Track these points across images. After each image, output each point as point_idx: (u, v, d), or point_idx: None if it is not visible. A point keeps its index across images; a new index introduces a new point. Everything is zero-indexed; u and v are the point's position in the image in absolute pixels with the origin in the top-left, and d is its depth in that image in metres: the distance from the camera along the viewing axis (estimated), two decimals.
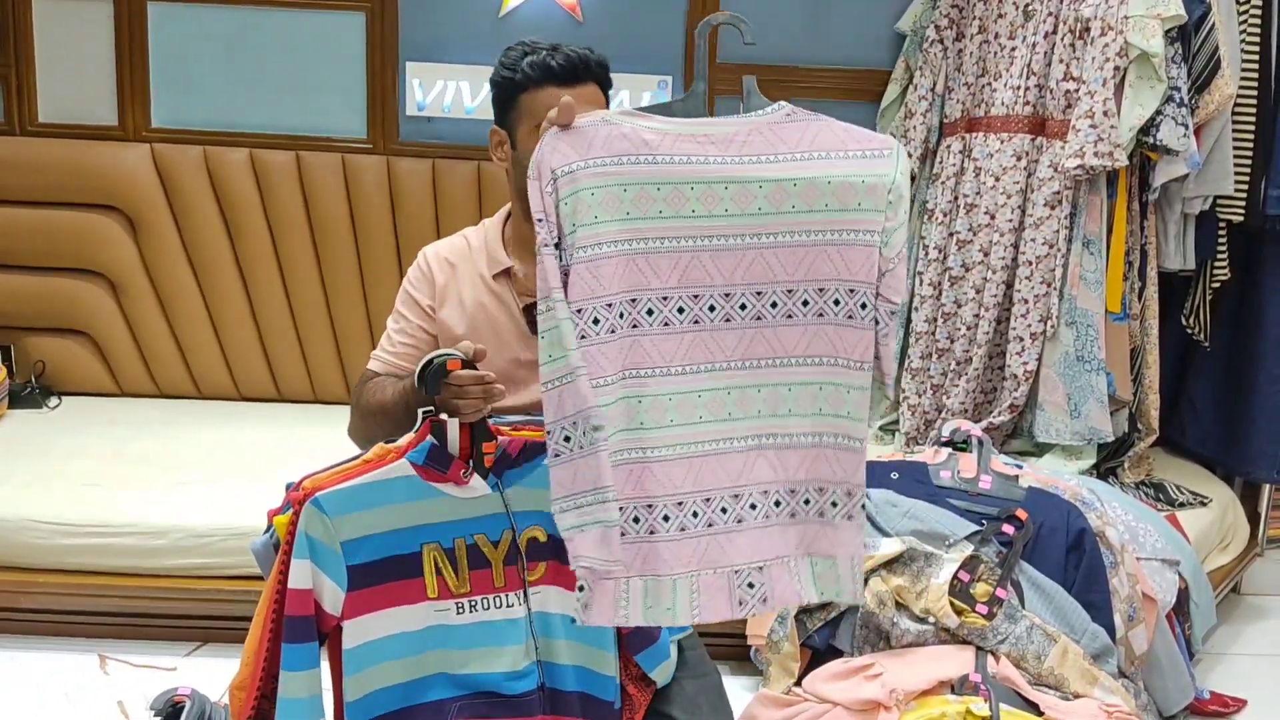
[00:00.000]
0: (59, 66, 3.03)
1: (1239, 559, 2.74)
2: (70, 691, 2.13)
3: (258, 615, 1.40)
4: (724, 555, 1.15)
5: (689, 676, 1.54)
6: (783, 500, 1.17)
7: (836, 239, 1.15)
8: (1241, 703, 2.29)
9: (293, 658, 1.32)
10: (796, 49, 3.08)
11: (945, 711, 1.70)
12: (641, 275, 1.12)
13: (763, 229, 1.15)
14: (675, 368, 1.13)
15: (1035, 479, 2.14)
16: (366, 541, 1.32)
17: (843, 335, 1.15)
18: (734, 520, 1.17)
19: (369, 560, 1.32)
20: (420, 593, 1.35)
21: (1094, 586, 1.97)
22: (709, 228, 1.14)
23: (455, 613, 1.36)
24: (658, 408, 1.13)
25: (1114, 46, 2.53)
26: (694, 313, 1.14)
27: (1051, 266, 2.68)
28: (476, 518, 1.36)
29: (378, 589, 1.33)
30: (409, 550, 1.34)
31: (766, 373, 1.15)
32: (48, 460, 2.57)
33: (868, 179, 1.17)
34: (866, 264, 1.15)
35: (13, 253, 3.02)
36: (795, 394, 1.16)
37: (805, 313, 1.15)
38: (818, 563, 1.19)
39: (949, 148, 2.91)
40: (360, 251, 3.08)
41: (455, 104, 3.06)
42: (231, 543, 2.28)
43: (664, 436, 1.13)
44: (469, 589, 1.37)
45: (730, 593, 1.15)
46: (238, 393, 3.18)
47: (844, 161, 1.17)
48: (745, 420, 1.15)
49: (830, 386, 1.16)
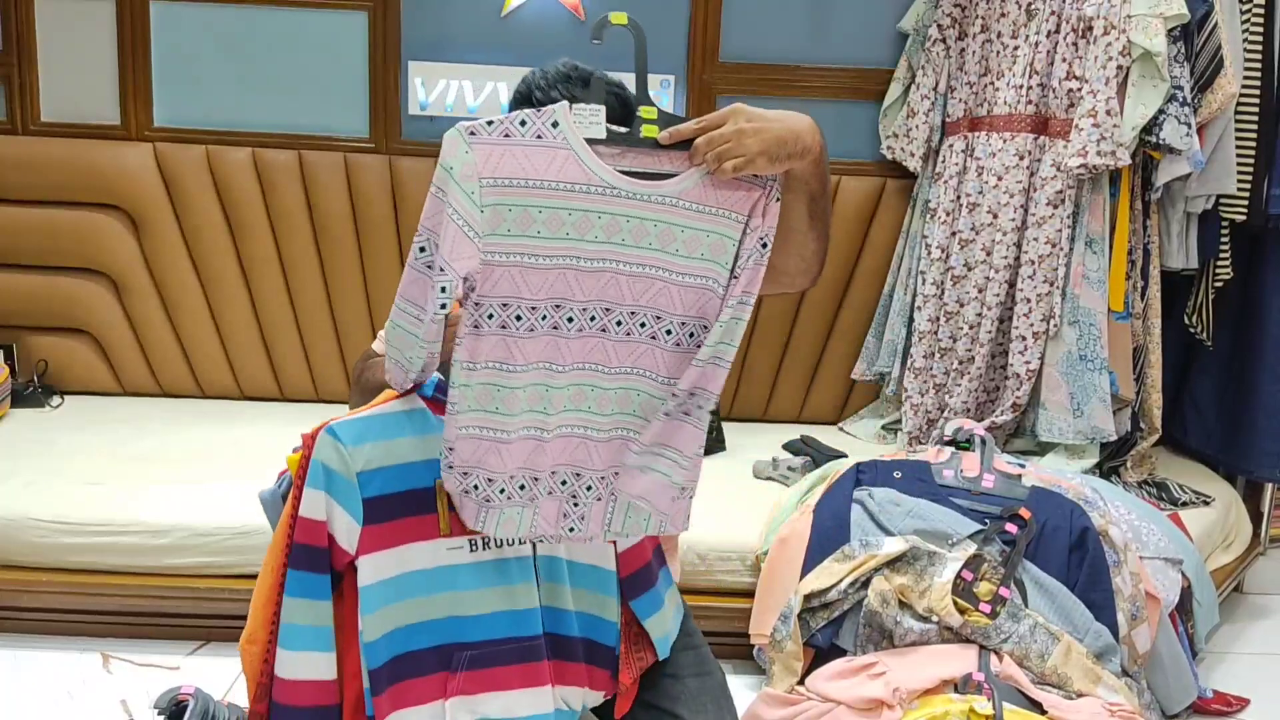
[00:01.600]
0: (61, 65, 3.03)
1: (1241, 558, 2.74)
2: (73, 690, 2.13)
3: (266, 564, 1.38)
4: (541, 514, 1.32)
5: (693, 675, 1.55)
6: (593, 485, 1.32)
7: (680, 280, 1.29)
8: (1244, 702, 2.29)
9: (299, 585, 1.30)
10: (798, 48, 3.08)
11: (948, 710, 1.70)
12: (516, 285, 1.25)
13: (630, 259, 1.27)
14: (532, 366, 1.26)
15: (1038, 478, 2.14)
16: (381, 473, 1.32)
17: (665, 357, 1.31)
18: (545, 493, 1.32)
19: (384, 493, 1.32)
20: (434, 529, 1.34)
21: (1097, 585, 1.97)
22: (592, 251, 1.26)
23: (468, 550, 1.35)
24: (513, 398, 1.27)
25: (1116, 45, 2.53)
26: (553, 320, 1.27)
27: (1054, 265, 2.68)
28: None
29: (393, 524, 1.32)
30: (424, 484, 1.33)
31: (596, 376, 1.30)
32: (50, 459, 2.57)
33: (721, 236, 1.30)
34: (699, 304, 1.30)
35: (15, 252, 3.03)
36: (616, 396, 1.31)
37: (641, 333, 1.30)
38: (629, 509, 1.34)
39: (951, 147, 2.91)
40: (362, 250, 3.08)
41: (458, 103, 3.06)
42: (234, 541, 2.28)
43: (513, 422, 1.26)
44: None
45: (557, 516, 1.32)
46: (240, 392, 3.18)
47: (711, 217, 1.30)
48: (575, 413, 1.30)
49: (645, 395, 1.31)
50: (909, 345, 3.01)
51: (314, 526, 1.30)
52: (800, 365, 3.22)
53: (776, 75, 3.06)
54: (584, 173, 1.23)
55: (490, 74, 3.04)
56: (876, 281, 3.14)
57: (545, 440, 1.27)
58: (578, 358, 1.27)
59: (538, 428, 1.27)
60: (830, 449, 2.80)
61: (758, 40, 3.07)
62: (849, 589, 1.94)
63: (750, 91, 3.06)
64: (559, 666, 1.42)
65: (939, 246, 2.91)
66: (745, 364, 3.21)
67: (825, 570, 1.97)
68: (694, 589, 2.30)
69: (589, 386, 1.29)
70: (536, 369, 1.25)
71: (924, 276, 2.94)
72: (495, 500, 1.27)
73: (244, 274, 3.09)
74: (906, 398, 2.96)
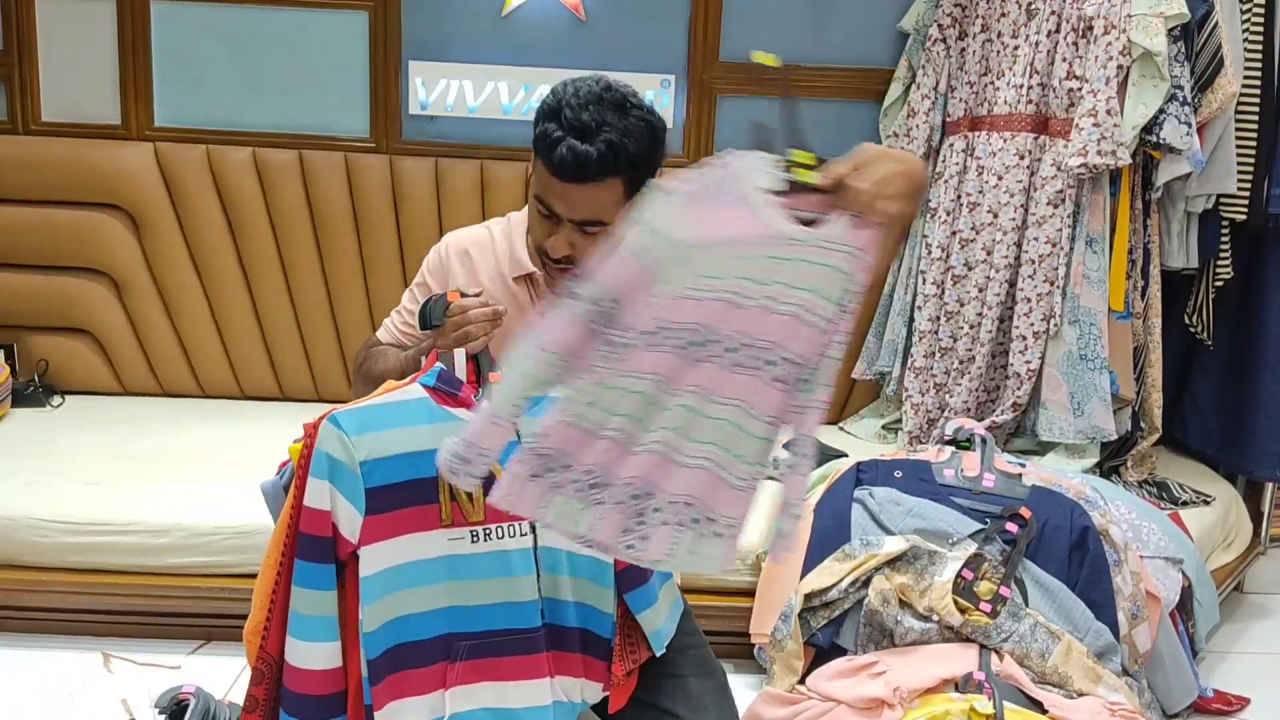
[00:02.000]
0: (62, 65, 3.03)
1: (1242, 557, 2.74)
2: (74, 690, 2.13)
3: (268, 557, 1.38)
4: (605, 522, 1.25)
5: (695, 675, 1.55)
6: (663, 508, 1.24)
7: (812, 320, 1.23)
8: (1245, 701, 2.29)
9: (306, 575, 1.31)
10: (799, 48, 3.08)
11: (949, 709, 1.70)
12: (667, 313, 1.19)
13: (786, 298, 1.21)
14: (647, 376, 1.20)
15: (1038, 477, 2.14)
16: (385, 463, 1.32)
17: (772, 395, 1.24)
18: (613, 503, 1.24)
19: (386, 483, 1.32)
20: (435, 519, 1.34)
21: (1097, 584, 1.97)
22: (755, 290, 1.20)
23: (469, 541, 1.35)
24: (616, 398, 1.21)
25: (1117, 45, 2.53)
26: (684, 340, 1.20)
27: (1054, 265, 2.68)
28: None
29: (395, 514, 1.32)
30: (426, 474, 1.33)
31: (707, 404, 1.23)
32: (51, 459, 2.57)
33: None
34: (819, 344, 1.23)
35: (16, 251, 3.03)
36: (714, 426, 1.23)
37: (765, 371, 1.23)
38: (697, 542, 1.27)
39: (952, 146, 2.91)
40: (363, 250, 3.08)
41: (458, 103, 3.06)
42: (235, 541, 2.28)
43: (608, 420, 1.21)
44: (483, 516, 1.36)
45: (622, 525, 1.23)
46: (241, 391, 3.19)
47: (851, 258, 1.24)
48: (671, 433, 1.23)
49: (742, 430, 1.24)
50: (909, 345, 3.01)
51: (318, 516, 1.30)
52: None
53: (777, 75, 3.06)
54: (764, 225, 1.20)
55: (491, 74, 3.05)
56: (877, 281, 3.15)
57: (631, 451, 1.22)
58: (697, 381, 1.21)
59: (628, 436, 1.21)
60: (831, 448, 2.80)
61: (758, 40, 3.07)
62: (850, 588, 1.94)
63: (751, 91, 3.07)
64: (557, 657, 1.42)
65: (939, 246, 2.91)
66: None
67: (826, 569, 1.97)
68: (694, 588, 2.29)
69: (697, 412, 1.23)
70: (650, 379, 1.20)
71: (924, 276, 2.94)
72: (565, 488, 1.22)
73: (244, 274, 3.09)
74: (907, 397, 2.96)
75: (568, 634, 1.42)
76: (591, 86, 1.51)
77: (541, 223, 1.56)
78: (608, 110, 1.49)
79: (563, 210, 1.52)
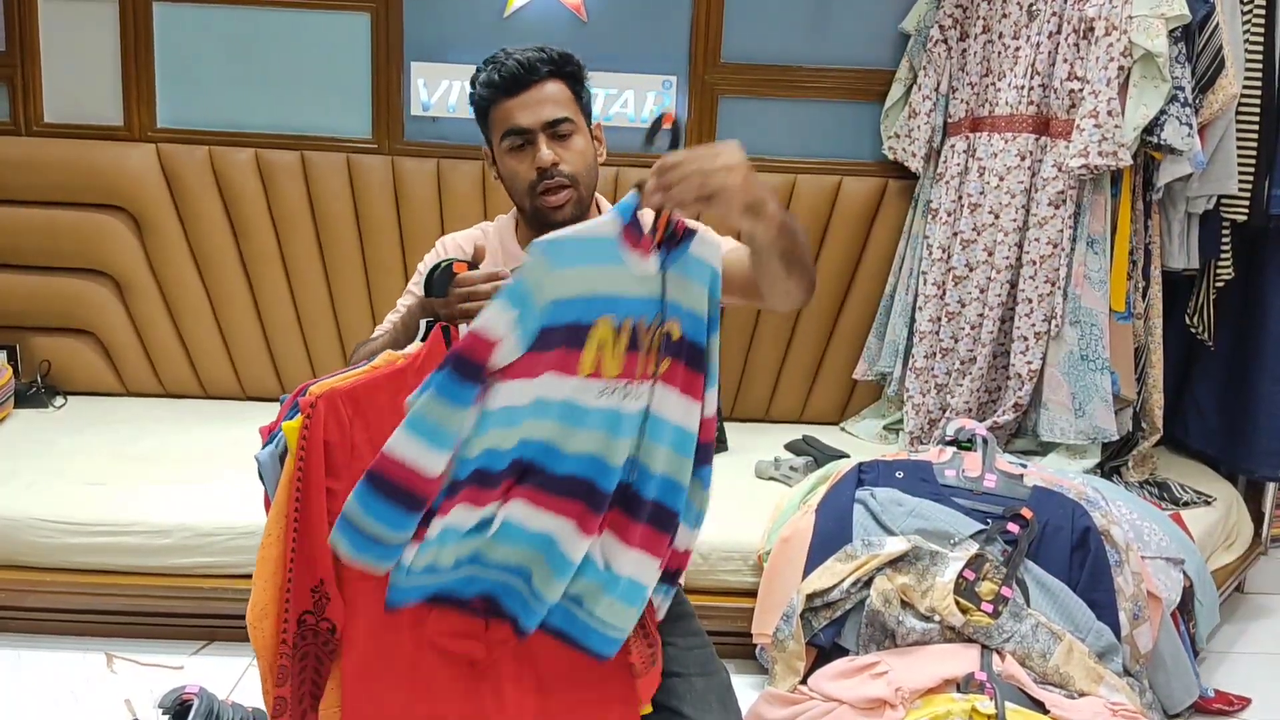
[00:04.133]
0: (64, 66, 3.04)
1: (1243, 558, 2.74)
2: (77, 690, 2.14)
3: (270, 532, 1.33)
4: None
5: (698, 674, 1.55)
6: None
7: None
8: (1246, 701, 2.30)
9: (448, 389, 1.17)
10: (800, 49, 3.08)
11: (951, 709, 1.70)
12: None
13: None
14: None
15: (1040, 478, 2.14)
16: (566, 303, 1.21)
17: None
18: None
19: (553, 323, 1.21)
20: (575, 365, 1.23)
21: (1099, 585, 1.97)
22: None
23: (595, 395, 1.25)
24: None
25: (1118, 46, 2.54)
26: None
27: (1055, 266, 2.68)
28: (642, 297, 1.25)
29: (544, 354, 1.21)
30: (585, 320, 1.22)
31: None
32: (53, 459, 2.57)
33: None
34: None
35: (18, 252, 3.03)
36: None
37: None
38: None
39: (953, 147, 2.91)
40: (365, 251, 3.08)
41: (460, 104, 3.06)
42: (237, 541, 2.29)
43: None
44: (619, 372, 1.25)
45: None
46: (243, 392, 3.19)
47: None
48: None
49: None
50: (910, 345, 3.01)
51: (485, 343, 1.18)
52: (802, 366, 3.23)
53: (778, 76, 3.07)
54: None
55: None
56: (878, 282, 3.15)
57: None
58: None
59: None
60: (832, 449, 2.81)
61: (759, 41, 3.07)
62: (851, 588, 1.94)
63: (752, 92, 3.07)
64: (617, 520, 1.31)
65: (940, 247, 2.91)
66: (747, 365, 3.21)
67: (827, 570, 1.98)
68: (697, 589, 2.30)
69: None
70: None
71: (925, 277, 2.95)
72: None
73: (247, 274, 3.09)
74: (908, 398, 2.96)
75: (641, 504, 1.31)
76: (489, 58, 1.66)
77: (520, 157, 1.65)
78: (503, 55, 1.65)
79: (528, 119, 1.63)
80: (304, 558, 1.30)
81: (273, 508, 1.34)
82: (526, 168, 1.65)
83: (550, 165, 1.63)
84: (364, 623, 1.36)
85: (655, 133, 1.35)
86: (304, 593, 1.31)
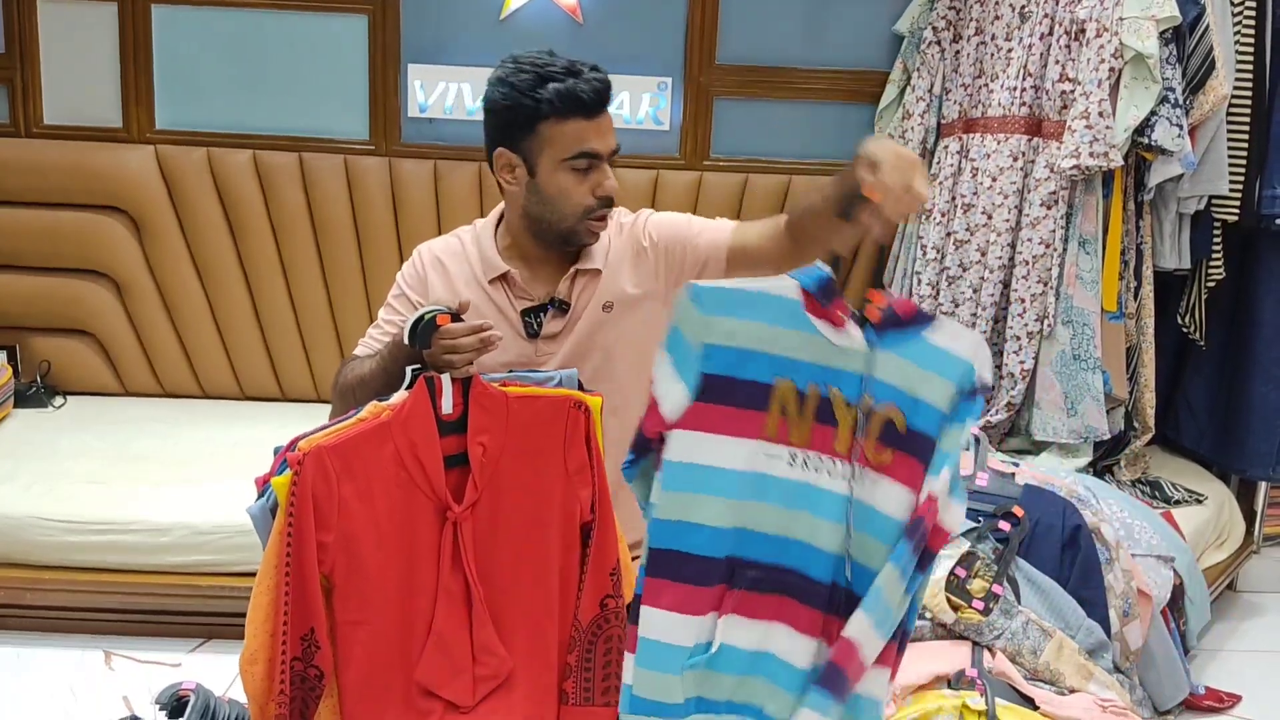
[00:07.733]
0: (64, 69, 3.05)
1: (1234, 556, 2.76)
2: (76, 687, 2.15)
3: (262, 582, 1.36)
4: None
5: None
6: None
7: None
8: (1236, 698, 2.31)
9: (630, 473, 1.25)
10: (794, 51, 3.09)
11: (941, 706, 1.71)
12: None
13: None
14: None
15: (1031, 476, 2.15)
16: (730, 353, 1.20)
17: None
18: None
19: (724, 374, 1.20)
20: (758, 428, 1.21)
21: (1089, 582, 1.99)
22: None
23: (786, 462, 1.21)
24: None
25: (1109, 48, 2.55)
26: None
27: (1048, 266, 2.70)
28: (839, 369, 1.20)
29: (721, 408, 1.21)
30: (765, 379, 1.20)
31: None
32: (53, 459, 2.59)
33: None
34: None
35: (18, 254, 3.04)
36: None
37: None
38: None
39: (946, 148, 2.93)
40: (363, 252, 3.10)
41: (457, 105, 3.08)
42: (235, 540, 2.30)
43: None
44: (806, 442, 1.21)
45: None
46: (241, 392, 3.20)
47: None
48: None
49: None
50: None
51: (653, 409, 1.22)
52: None
53: (773, 78, 3.08)
54: None
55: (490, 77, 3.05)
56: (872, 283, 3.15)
57: None
58: None
59: None
60: None
61: (755, 43, 3.09)
62: None
63: (747, 94, 3.08)
64: (832, 624, 1.21)
65: (934, 247, 2.92)
66: None
67: None
68: None
69: None
70: None
71: (919, 277, 2.96)
72: None
73: (245, 275, 3.10)
74: None
75: (854, 603, 1.19)
76: (521, 65, 1.61)
77: (580, 181, 1.62)
78: (559, 67, 1.59)
79: (601, 145, 1.61)
80: (296, 607, 1.34)
81: (265, 559, 1.38)
82: (584, 191, 1.62)
83: (613, 194, 1.63)
84: (356, 670, 1.41)
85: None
86: (295, 641, 1.35)
